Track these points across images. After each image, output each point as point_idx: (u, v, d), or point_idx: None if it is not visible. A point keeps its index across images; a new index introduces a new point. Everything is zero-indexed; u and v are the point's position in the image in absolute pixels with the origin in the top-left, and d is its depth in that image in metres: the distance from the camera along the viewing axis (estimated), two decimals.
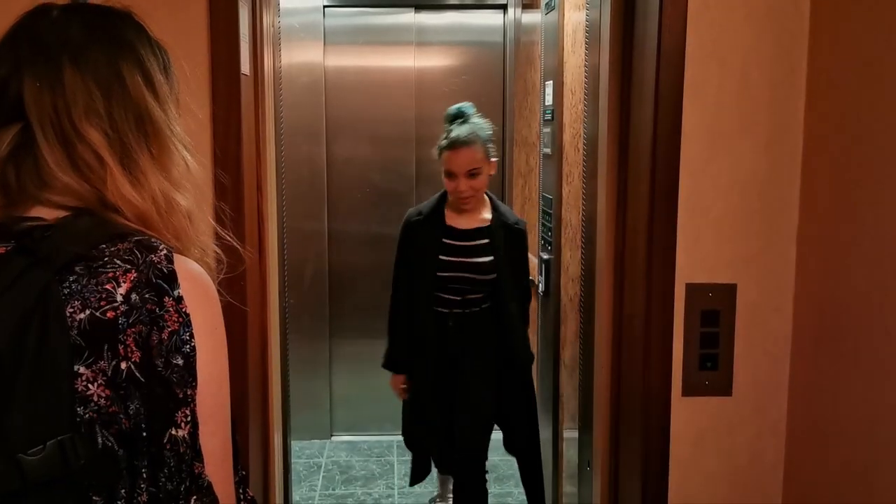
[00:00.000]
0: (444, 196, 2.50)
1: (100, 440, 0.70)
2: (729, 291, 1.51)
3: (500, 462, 3.59)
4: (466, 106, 2.47)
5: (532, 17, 3.27)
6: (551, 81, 2.72)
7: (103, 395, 0.69)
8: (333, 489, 3.44)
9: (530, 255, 3.18)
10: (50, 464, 0.66)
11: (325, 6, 3.75)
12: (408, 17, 3.83)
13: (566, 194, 2.58)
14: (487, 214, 2.49)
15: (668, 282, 1.50)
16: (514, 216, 2.57)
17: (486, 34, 3.87)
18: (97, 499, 0.70)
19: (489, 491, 3.14)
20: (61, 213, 0.75)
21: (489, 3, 3.85)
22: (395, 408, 3.53)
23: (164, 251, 0.74)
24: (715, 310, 1.51)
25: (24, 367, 0.65)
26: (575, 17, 2.46)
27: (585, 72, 2.12)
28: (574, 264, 2.44)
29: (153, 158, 0.79)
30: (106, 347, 0.70)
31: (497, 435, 3.20)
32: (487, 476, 2.78)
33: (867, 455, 1.29)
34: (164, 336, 0.71)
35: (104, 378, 0.69)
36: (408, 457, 3.67)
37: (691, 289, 1.51)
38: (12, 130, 0.75)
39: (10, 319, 0.66)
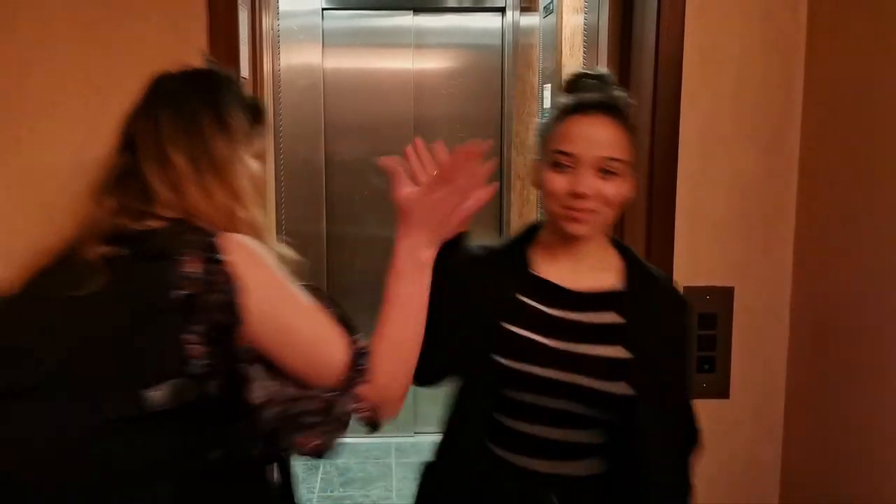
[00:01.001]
0: (530, 232, 1.26)
1: (206, 388, 0.91)
2: (726, 294, 1.52)
3: None
4: (603, 70, 1.27)
5: (530, 20, 3.28)
6: (549, 84, 2.73)
7: (202, 353, 0.90)
8: (331, 491, 3.44)
9: None
10: (164, 399, 0.89)
11: (323, 9, 3.75)
12: (406, 19, 3.84)
13: None
14: (613, 272, 1.20)
15: None
16: (665, 275, 1.30)
17: (485, 37, 3.88)
18: (194, 427, 0.92)
19: None
20: (164, 224, 0.98)
21: (487, 5, 3.86)
22: None
23: (217, 234, 0.95)
24: (712, 313, 1.52)
25: (146, 333, 0.90)
26: (573, 21, 2.46)
27: None
28: None
29: (221, 182, 1.02)
30: (194, 316, 0.90)
31: None
32: None
33: (863, 457, 1.29)
34: (216, 297, 0.91)
35: (199, 339, 0.90)
36: (406, 458, 3.67)
37: (689, 291, 1.51)
38: (124, 157, 1.03)
39: (133, 299, 0.91)
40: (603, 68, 1.37)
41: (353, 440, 3.97)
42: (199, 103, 1.05)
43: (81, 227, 1.01)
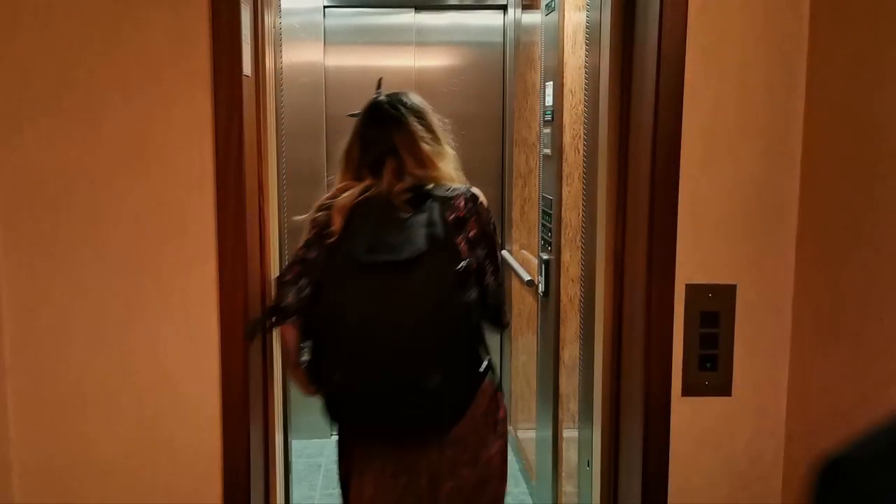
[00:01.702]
0: None
1: (470, 268, 1.70)
2: (729, 292, 1.52)
3: None
4: None
5: (532, 18, 3.28)
6: (551, 82, 2.72)
7: (465, 248, 1.71)
8: (333, 488, 3.44)
9: (525, 253, 3.16)
10: (462, 269, 1.66)
11: (325, 6, 3.76)
12: (408, 17, 3.84)
13: (566, 195, 2.59)
14: None
15: (668, 282, 1.51)
16: None
17: (486, 34, 3.88)
18: (470, 290, 1.70)
19: None
20: (419, 183, 1.77)
21: (489, 3, 3.86)
22: None
23: (467, 186, 1.80)
24: (715, 311, 1.52)
25: (447, 236, 1.68)
26: (575, 18, 2.46)
27: (586, 73, 2.13)
28: (574, 265, 2.45)
29: (450, 159, 1.84)
30: (463, 228, 1.72)
31: None
32: None
33: None
34: (481, 218, 1.77)
35: (464, 241, 1.71)
36: None
37: (691, 289, 1.51)
38: (393, 156, 1.78)
39: (435, 219, 1.68)
40: None
41: None
42: (428, 116, 1.84)
43: (379, 187, 1.75)
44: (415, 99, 1.85)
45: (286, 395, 2.16)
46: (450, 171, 1.82)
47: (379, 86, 1.91)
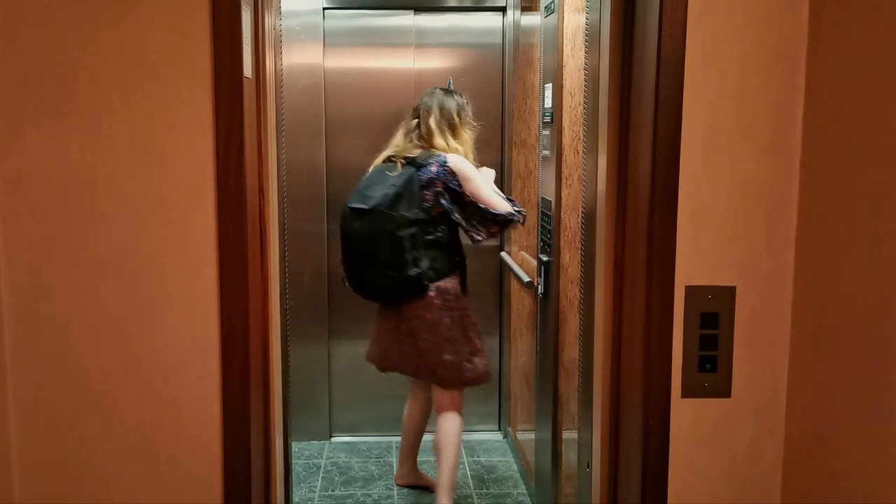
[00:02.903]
0: None
1: (432, 214, 2.83)
2: (728, 294, 1.52)
3: (498, 462, 3.59)
4: None
5: (531, 20, 3.28)
6: (550, 84, 2.73)
7: (431, 200, 2.80)
8: (333, 490, 3.44)
9: (524, 255, 3.17)
10: (420, 212, 2.81)
11: (324, 8, 3.76)
12: (407, 19, 3.84)
13: (565, 196, 2.59)
14: None
15: (668, 284, 1.51)
16: None
17: (485, 36, 3.88)
18: (431, 223, 2.88)
19: (487, 492, 3.14)
20: (422, 150, 2.91)
21: (488, 5, 3.86)
22: (394, 409, 3.52)
23: (446, 157, 2.87)
24: (714, 312, 1.52)
25: (407, 195, 2.79)
26: (574, 20, 2.47)
27: (585, 75, 2.13)
28: (573, 266, 2.45)
29: (444, 137, 2.93)
30: (432, 186, 2.80)
31: (495, 436, 3.14)
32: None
33: (865, 457, 1.30)
34: (446, 179, 2.80)
35: (430, 195, 2.80)
36: None
37: (691, 291, 1.52)
38: (415, 122, 3.00)
39: (412, 179, 2.82)
40: None
41: (354, 439, 3.97)
42: (454, 108, 2.96)
43: (392, 151, 2.96)
44: (457, 97, 2.99)
45: (286, 396, 2.15)
46: (450, 145, 2.90)
47: (449, 85, 3.10)
